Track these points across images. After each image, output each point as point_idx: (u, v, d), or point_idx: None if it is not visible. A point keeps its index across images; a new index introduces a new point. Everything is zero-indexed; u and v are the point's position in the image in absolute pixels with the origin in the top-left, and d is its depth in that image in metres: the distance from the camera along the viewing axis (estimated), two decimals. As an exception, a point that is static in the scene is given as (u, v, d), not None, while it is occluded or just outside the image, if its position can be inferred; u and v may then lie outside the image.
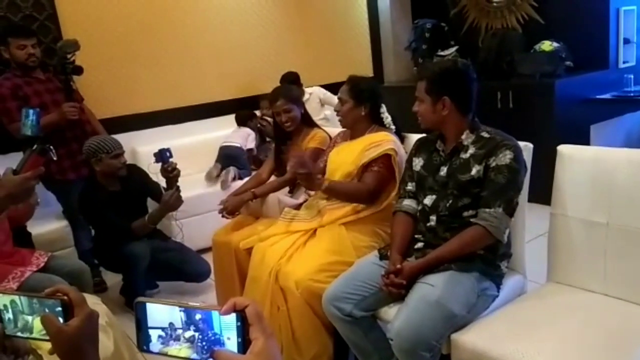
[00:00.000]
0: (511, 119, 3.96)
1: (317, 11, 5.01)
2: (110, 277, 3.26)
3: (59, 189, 3.18)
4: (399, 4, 5.35)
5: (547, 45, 4.06)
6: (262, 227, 2.44)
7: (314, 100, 4.59)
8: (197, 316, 0.68)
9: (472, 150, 1.82)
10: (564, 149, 1.84)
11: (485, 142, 1.80)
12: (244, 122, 4.30)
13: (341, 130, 2.52)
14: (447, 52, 4.78)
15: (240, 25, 4.58)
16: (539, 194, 2.10)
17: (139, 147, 3.92)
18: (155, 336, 0.71)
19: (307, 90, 4.57)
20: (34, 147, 1.69)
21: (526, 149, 1.86)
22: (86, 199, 2.72)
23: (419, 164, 1.98)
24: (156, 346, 0.71)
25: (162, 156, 2.62)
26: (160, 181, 2.81)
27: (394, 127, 2.31)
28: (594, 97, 4.03)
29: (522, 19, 4.47)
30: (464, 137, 1.85)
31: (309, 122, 2.74)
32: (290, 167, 2.35)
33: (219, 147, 4.11)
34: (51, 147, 1.74)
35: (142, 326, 0.71)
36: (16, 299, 0.87)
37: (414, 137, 2.19)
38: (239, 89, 4.60)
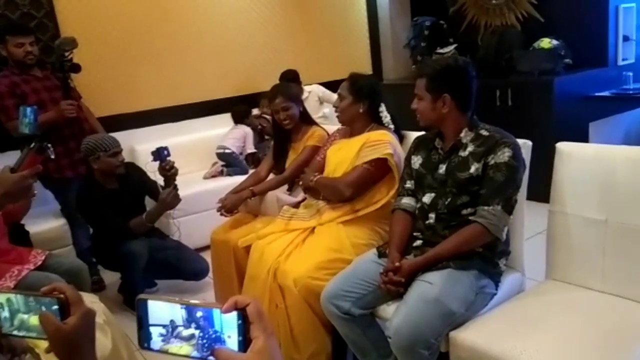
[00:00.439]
0: (510, 117, 3.95)
1: (316, 9, 5.00)
2: (108, 276, 3.26)
3: (56, 187, 3.17)
4: (398, 1, 5.34)
5: (546, 42, 4.06)
6: (260, 225, 2.43)
7: (313, 98, 4.59)
8: (198, 314, 0.68)
9: (471, 148, 1.81)
10: (563, 147, 1.84)
11: (484, 140, 1.80)
12: (240, 119, 4.29)
13: (339, 127, 2.52)
14: (446, 49, 4.77)
15: (239, 23, 4.56)
16: (538, 191, 2.10)
17: (137, 145, 3.92)
18: (156, 334, 0.71)
19: (306, 88, 4.56)
20: (32, 145, 1.68)
21: (525, 146, 1.86)
22: (84, 198, 2.71)
23: (417, 162, 1.97)
24: (157, 344, 0.71)
25: (160, 154, 2.61)
26: (158, 179, 2.81)
27: (392, 126, 2.31)
28: (592, 94, 4.02)
29: (521, 16, 4.46)
30: (462, 135, 1.85)
31: (308, 120, 2.74)
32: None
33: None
34: (49, 145, 1.74)
35: (144, 324, 0.71)
36: (12, 297, 0.87)
37: (413, 135, 2.18)
38: (238, 87, 4.59)
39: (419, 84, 1.87)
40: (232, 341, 0.67)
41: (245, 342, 0.66)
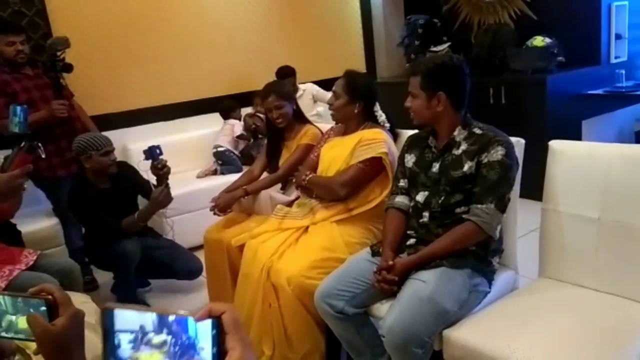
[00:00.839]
0: (503, 115, 3.96)
1: (310, 7, 4.99)
2: (101, 275, 3.24)
3: (48, 186, 3.15)
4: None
5: (539, 40, 4.07)
6: (254, 224, 2.43)
7: (307, 96, 4.59)
8: (171, 318, 0.63)
9: (464, 146, 1.81)
10: (556, 144, 1.84)
11: (477, 138, 1.80)
12: (226, 115, 4.29)
13: (333, 125, 2.51)
14: (439, 47, 4.78)
15: (231, 21, 4.54)
16: (531, 189, 2.10)
17: (130, 144, 3.90)
18: (125, 340, 0.65)
19: (301, 86, 4.57)
20: (22, 144, 1.67)
21: (518, 144, 1.86)
22: (75, 197, 2.69)
23: (411, 160, 1.97)
24: (126, 352, 0.65)
25: (152, 153, 2.59)
26: (150, 178, 2.79)
27: (388, 125, 2.30)
28: (585, 92, 4.04)
29: (514, 14, 4.47)
30: (456, 133, 1.85)
31: (301, 119, 2.73)
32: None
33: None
34: (39, 144, 1.72)
35: (109, 335, 0.65)
36: (0, 298, 0.86)
37: (407, 134, 2.18)
38: (231, 86, 4.57)
39: (413, 82, 1.86)
40: (206, 353, 0.62)
41: (220, 355, 0.61)
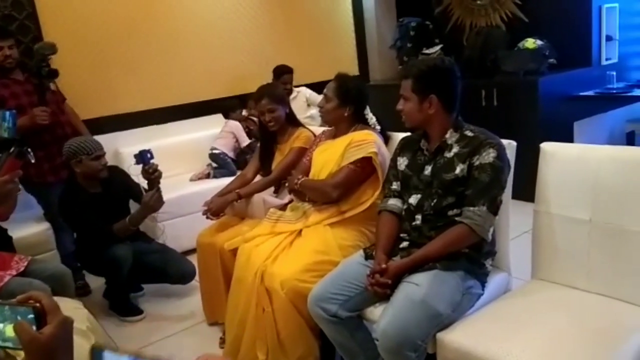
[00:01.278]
0: (495, 117, 3.98)
1: (303, 10, 4.99)
2: (94, 280, 3.22)
3: (38, 192, 3.13)
4: (384, 2, 5.35)
5: (530, 42, 4.09)
6: (247, 228, 2.42)
7: (301, 98, 4.61)
8: None
9: (456, 149, 1.81)
10: (547, 147, 1.85)
11: (469, 141, 1.80)
12: (227, 114, 4.28)
13: (325, 129, 2.51)
14: (431, 50, 4.79)
15: (224, 24, 4.54)
16: (524, 190, 2.11)
17: (122, 148, 3.88)
18: None
19: (295, 89, 4.58)
20: (11, 149, 1.65)
21: (510, 146, 1.86)
22: (66, 202, 2.67)
23: (403, 163, 1.97)
24: None
25: (143, 157, 2.57)
26: (142, 182, 2.77)
27: (379, 127, 2.31)
28: (577, 94, 4.06)
29: (505, 16, 4.50)
30: (448, 135, 1.85)
31: (294, 122, 2.73)
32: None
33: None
34: (29, 149, 1.70)
35: None
36: None
37: (398, 136, 2.18)
38: (225, 88, 4.56)
39: (405, 85, 1.86)
40: None
41: None
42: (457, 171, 1.77)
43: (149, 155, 2.58)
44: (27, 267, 2.36)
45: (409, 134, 2.06)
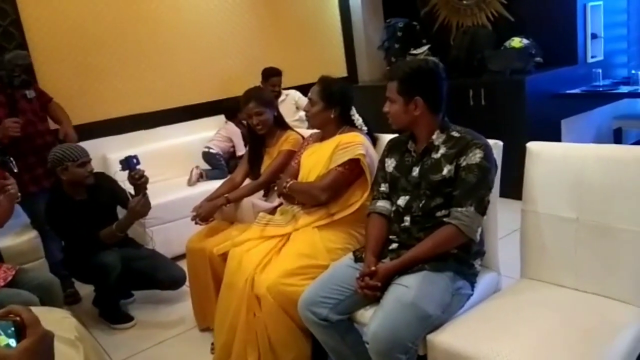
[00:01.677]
0: (483, 116, 4.00)
1: (290, 13, 4.99)
2: (83, 288, 3.19)
3: (22, 202, 3.08)
4: (370, 3, 5.36)
5: (516, 42, 4.12)
6: (236, 233, 2.41)
7: (290, 101, 4.60)
8: None
9: (442, 150, 1.82)
10: (533, 146, 1.85)
11: (455, 142, 1.80)
12: (230, 116, 4.23)
13: (313, 132, 2.51)
14: (419, 50, 4.81)
15: (212, 28, 4.52)
16: (514, 189, 2.11)
17: (109, 153, 3.85)
18: None
19: (284, 91, 4.57)
20: None
21: (496, 146, 1.87)
22: (53, 210, 2.64)
23: (391, 165, 1.97)
24: None
25: (129, 163, 2.55)
26: (129, 188, 2.75)
27: (365, 129, 2.31)
28: (563, 92, 4.09)
29: (491, 16, 4.52)
30: (434, 137, 1.85)
31: (282, 125, 2.72)
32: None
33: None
34: (11, 158, 1.69)
35: None
36: None
37: (386, 138, 2.18)
38: (213, 92, 4.55)
39: (391, 87, 1.86)
40: None
41: None
42: (445, 172, 1.78)
43: (135, 160, 2.56)
44: (15, 276, 2.35)
45: (396, 136, 2.06)
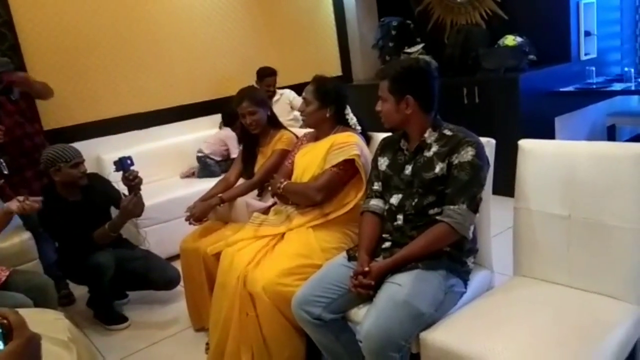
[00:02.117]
0: (478, 114, 4.01)
1: (284, 12, 4.99)
2: (78, 289, 3.18)
3: None
4: (365, 2, 5.36)
5: (510, 40, 4.12)
6: (230, 232, 2.40)
7: (284, 100, 4.61)
8: None
9: (435, 148, 1.82)
10: (525, 144, 1.86)
11: (447, 140, 1.81)
12: (227, 122, 4.20)
13: (307, 131, 2.51)
14: (413, 49, 4.81)
15: (205, 28, 4.52)
16: (508, 187, 2.12)
17: (103, 154, 3.85)
18: None
19: (278, 91, 4.57)
20: None
21: (488, 144, 1.87)
22: (46, 211, 2.63)
23: (384, 163, 1.97)
24: None
25: (123, 164, 2.54)
26: (123, 189, 2.75)
27: (359, 128, 2.31)
28: (557, 89, 4.10)
29: (485, 14, 4.53)
30: (427, 135, 1.85)
31: (276, 124, 2.72)
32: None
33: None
34: (1, 160, 1.68)
35: None
36: None
37: (380, 137, 2.18)
38: (208, 92, 4.55)
39: (382, 86, 1.87)
40: None
41: None
42: (437, 170, 1.78)
43: (129, 161, 2.55)
44: (9, 278, 2.34)
45: (389, 134, 2.06)
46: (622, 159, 1.64)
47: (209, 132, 4.31)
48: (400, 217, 1.86)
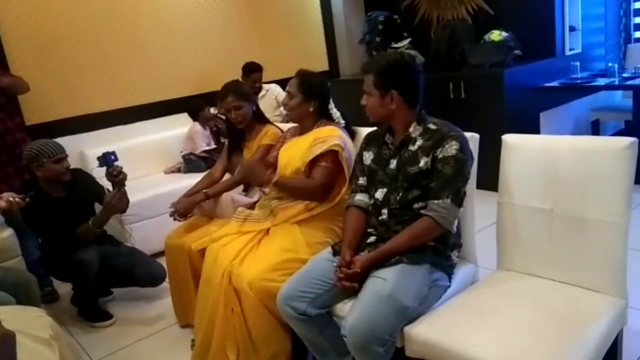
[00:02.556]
0: (464, 109, 4.02)
1: (270, 6, 4.96)
2: (62, 287, 3.15)
3: None
4: (351, -4, 5.35)
5: (496, 35, 4.13)
6: (215, 228, 2.39)
7: (270, 96, 4.58)
8: None
9: (419, 142, 1.82)
10: (508, 139, 1.86)
11: (432, 134, 1.81)
12: (193, 116, 4.21)
13: (291, 126, 2.50)
14: (400, 44, 4.82)
15: (190, 21, 4.47)
16: (494, 182, 2.13)
17: (87, 149, 3.80)
18: None
19: (265, 86, 4.55)
20: None
21: (472, 139, 1.88)
22: (29, 207, 2.60)
23: (369, 157, 1.97)
24: None
25: (106, 160, 2.51)
26: (107, 185, 2.72)
27: (343, 122, 2.30)
28: (542, 85, 4.13)
29: (471, 9, 4.54)
30: (411, 129, 1.85)
31: (262, 119, 2.71)
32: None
33: None
34: None
35: None
36: None
37: (364, 131, 2.18)
38: (193, 86, 4.50)
39: (367, 81, 1.86)
40: None
41: None
42: (422, 164, 1.78)
43: (112, 157, 2.53)
44: (-11, 275, 2.30)
45: (374, 129, 2.06)
46: (604, 153, 1.65)
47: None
48: (385, 211, 1.86)
